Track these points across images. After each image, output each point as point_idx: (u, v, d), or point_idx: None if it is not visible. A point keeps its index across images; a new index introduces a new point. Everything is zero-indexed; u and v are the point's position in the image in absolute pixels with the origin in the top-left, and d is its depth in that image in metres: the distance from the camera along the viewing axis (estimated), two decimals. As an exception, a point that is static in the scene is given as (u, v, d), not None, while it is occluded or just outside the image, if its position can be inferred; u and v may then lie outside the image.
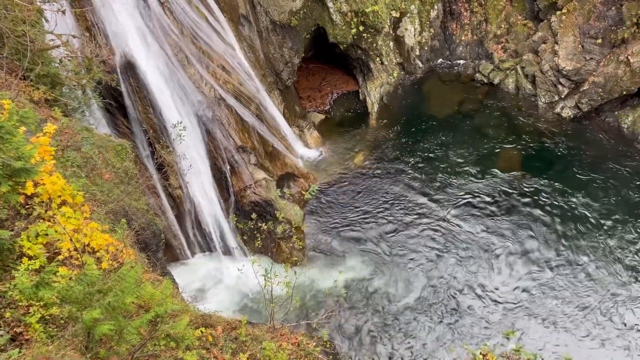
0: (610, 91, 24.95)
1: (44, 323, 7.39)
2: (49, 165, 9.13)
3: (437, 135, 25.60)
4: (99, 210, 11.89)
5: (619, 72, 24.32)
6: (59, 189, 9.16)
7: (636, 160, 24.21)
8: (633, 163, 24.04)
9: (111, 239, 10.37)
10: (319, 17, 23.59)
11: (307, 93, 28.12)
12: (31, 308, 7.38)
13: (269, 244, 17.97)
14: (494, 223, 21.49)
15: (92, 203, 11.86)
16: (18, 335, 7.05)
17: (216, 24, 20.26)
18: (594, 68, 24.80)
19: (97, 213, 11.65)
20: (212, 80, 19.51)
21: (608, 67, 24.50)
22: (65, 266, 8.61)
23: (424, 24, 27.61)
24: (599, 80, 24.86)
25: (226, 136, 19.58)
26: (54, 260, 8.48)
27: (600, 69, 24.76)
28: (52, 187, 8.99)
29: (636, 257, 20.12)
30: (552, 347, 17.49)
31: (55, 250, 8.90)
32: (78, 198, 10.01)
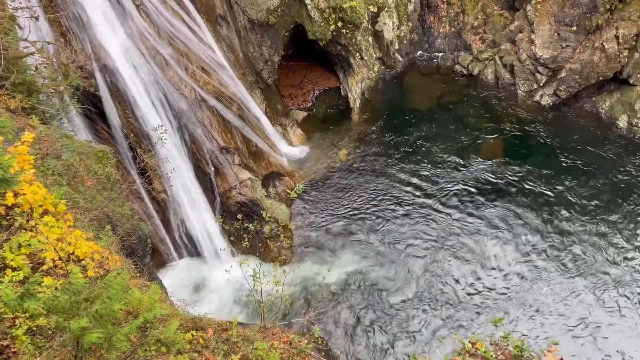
0: (587, 77, 25.34)
1: (31, 335, 7.28)
2: (28, 175, 8.99)
3: (420, 127, 25.76)
4: (82, 217, 11.74)
5: (594, 59, 24.70)
6: (40, 199, 9.02)
7: (614, 144, 24.67)
8: (611, 147, 24.50)
9: (96, 247, 10.24)
10: (297, 15, 23.53)
11: (288, 91, 28.06)
12: (17, 320, 7.27)
13: (257, 244, 17.91)
14: (480, 211, 21.71)
15: (75, 211, 11.71)
16: (5, 348, 6.94)
17: (193, 25, 20.11)
18: (570, 55, 25.15)
19: (80, 221, 11.51)
20: (192, 82, 19.36)
21: (584, 54, 24.87)
22: (50, 276, 8.50)
23: (402, 18, 27.71)
24: (576, 67, 25.22)
25: (209, 137, 19.46)
26: (38, 271, 8.36)
27: (577, 56, 25.12)
28: (33, 197, 8.85)
29: (621, 240, 20.50)
30: (540, 332, 17.73)
31: (39, 260, 8.77)
32: (60, 207, 9.88)
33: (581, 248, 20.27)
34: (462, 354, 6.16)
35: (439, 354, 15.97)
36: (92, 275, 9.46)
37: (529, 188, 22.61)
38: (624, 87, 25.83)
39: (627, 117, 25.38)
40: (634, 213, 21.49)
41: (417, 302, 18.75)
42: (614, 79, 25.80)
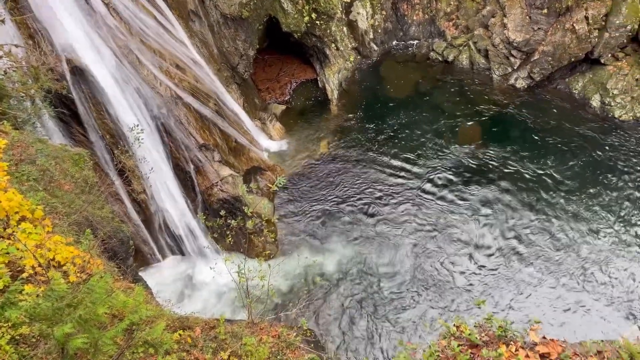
0: (559, 59, 25.72)
1: (15, 344, 7.18)
2: (3, 182, 8.80)
3: (398, 115, 25.90)
4: (61, 222, 11.57)
5: (565, 40, 25.07)
6: (16, 205, 8.84)
7: (588, 123, 25.17)
8: (586, 126, 24.99)
9: (77, 251, 10.11)
10: (270, 7, 23.35)
11: (265, 85, 27.90)
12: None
13: (241, 240, 17.85)
14: (462, 194, 21.97)
15: (54, 216, 11.53)
16: (-12, 359, 6.83)
17: (165, 22, 19.80)
18: (543, 38, 25.48)
19: (59, 226, 11.34)
20: (167, 79, 19.10)
21: (555, 36, 25.22)
22: (31, 283, 8.37)
23: (375, 7, 27.71)
24: (548, 49, 25.57)
25: (186, 135, 19.26)
26: (18, 279, 8.22)
27: (549, 38, 25.47)
28: (8, 204, 8.66)
29: (600, 217, 20.95)
30: (524, 311, 18.07)
31: (19, 268, 8.63)
32: (38, 212, 9.72)
33: (561, 226, 20.68)
34: (447, 337, 6.25)
35: (426, 338, 16.20)
36: (74, 281, 9.34)
37: (508, 169, 22.98)
38: (596, 67, 26.30)
39: (599, 97, 25.88)
40: (612, 189, 22.00)
41: (403, 288, 18.94)
42: (586, 60, 26.25)
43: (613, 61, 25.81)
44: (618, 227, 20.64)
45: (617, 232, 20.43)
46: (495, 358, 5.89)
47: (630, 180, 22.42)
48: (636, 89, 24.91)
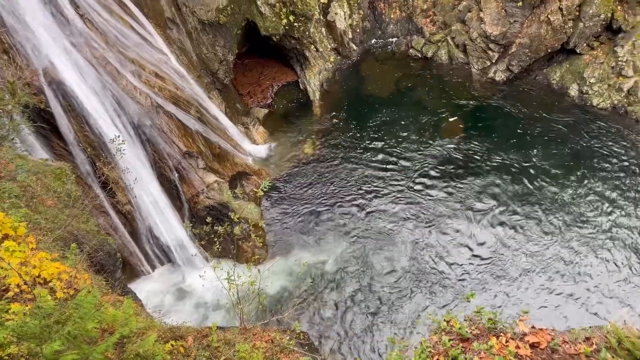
0: (536, 50, 26.05)
1: (3, 365, 7.05)
2: (-18, 201, 8.67)
3: (381, 113, 26.01)
4: (45, 238, 11.42)
5: (541, 32, 25.40)
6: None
7: (568, 112, 25.56)
8: (565, 115, 25.37)
9: (63, 267, 10.00)
10: (248, 12, 23.30)
11: (247, 89, 27.82)
12: (-14, 351, 7.03)
13: (229, 246, 17.78)
14: (448, 187, 22.12)
15: (37, 232, 11.38)
16: (-24, 381, 6.72)
17: (142, 31, 19.67)
18: (519, 30, 25.78)
19: (44, 242, 11.19)
20: (147, 89, 18.96)
21: (531, 28, 25.53)
22: (18, 302, 8.25)
23: (353, 7, 27.80)
24: (525, 41, 25.88)
25: (169, 143, 19.12)
26: (3, 298, 8.11)
27: (525, 31, 25.78)
28: (-11, 223, 8.55)
29: (584, 204, 21.25)
30: (515, 301, 18.25)
31: (4, 287, 8.50)
32: (20, 229, 9.60)
33: (547, 214, 20.93)
34: (438, 332, 6.30)
35: (416, 335, 16.29)
36: (62, 297, 9.23)
37: (492, 160, 23.23)
38: (572, 56, 26.69)
39: (577, 86, 26.25)
40: (595, 176, 22.34)
41: (395, 284, 19.00)
42: (562, 50, 26.63)
43: (588, 50, 26.21)
44: (603, 213, 20.95)
45: (602, 219, 20.74)
46: (486, 350, 5.94)
47: (612, 167, 22.78)
48: (612, 76, 25.32)
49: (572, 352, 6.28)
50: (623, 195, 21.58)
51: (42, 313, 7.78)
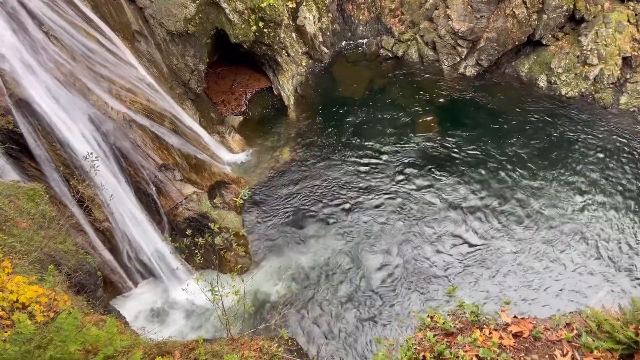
0: (504, 44, 26.52)
1: (-17, 394, 6.88)
2: (-48, 228, 8.45)
3: (357, 114, 26.16)
4: (21, 262, 11.17)
5: (508, 25, 25.88)
6: (-30, 250, 8.51)
7: (538, 102, 26.09)
8: (536, 105, 25.91)
9: (41, 289, 9.80)
10: (216, 20, 23.19)
11: (220, 98, 27.68)
12: (-35, 382, 6.86)
13: (211, 257, 17.63)
14: (426, 183, 22.37)
15: (13, 256, 11.12)
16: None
17: (110, 45, 19.43)
18: (486, 25, 26.22)
19: (20, 266, 10.95)
20: (118, 103, 18.72)
21: (497, 22, 25.99)
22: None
23: (321, 10, 27.92)
24: (492, 35, 26.34)
25: (144, 157, 18.90)
26: (-20, 327, 7.90)
27: (491, 25, 26.22)
28: (-39, 250, 8.33)
29: (560, 190, 21.67)
30: (498, 292, 18.50)
31: (-20, 315, 8.28)
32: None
33: (524, 203, 21.29)
34: (423, 329, 6.36)
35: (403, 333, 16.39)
36: (42, 320, 9.05)
37: (467, 154, 23.58)
38: (539, 48, 27.26)
39: (545, 77, 26.81)
40: (569, 163, 22.84)
41: (377, 285, 19.09)
42: (529, 42, 27.18)
43: (554, 41, 26.80)
44: (579, 200, 21.41)
45: (578, 205, 21.20)
46: (471, 343, 6.02)
47: (584, 154, 23.32)
48: (578, 65, 25.94)
49: (554, 338, 6.40)
50: (597, 181, 22.10)
51: (22, 339, 7.61)
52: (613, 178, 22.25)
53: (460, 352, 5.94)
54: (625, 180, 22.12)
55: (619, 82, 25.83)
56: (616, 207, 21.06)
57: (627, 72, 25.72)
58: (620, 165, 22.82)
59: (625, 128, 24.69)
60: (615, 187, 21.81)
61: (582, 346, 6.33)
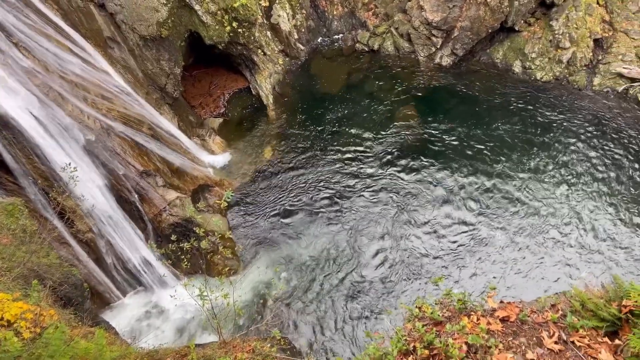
0: (477, 32, 26.76)
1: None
2: None
3: (336, 110, 26.18)
4: (4, 279, 11.00)
5: (480, 13, 26.10)
6: (-50, 271, 8.34)
7: (514, 88, 26.49)
8: (512, 91, 26.28)
9: (26, 305, 9.66)
10: (190, 22, 22.98)
11: (198, 100, 27.46)
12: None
13: (198, 261, 17.52)
14: (410, 172, 22.48)
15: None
16: None
17: (82, 53, 19.14)
18: (459, 14, 26.41)
19: (3, 283, 10.78)
20: (94, 112, 18.46)
21: (470, 11, 26.20)
22: (-19, 349, 7.91)
23: (295, 7, 27.84)
24: (466, 24, 26.55)
25: (125, 165, 18.68)
26: (-36, 348, 7.75)
27: (464, 14, 26.42)
28: (-60, 271, 8.16)
29: (542, 174, 21.98)
30: (485, 277, 18.73)
31: (-36, 336, 8.13)
32: (-25, 274, 9.20)
33: (505, 187, 21.56)
34: (411, 320, 6.42)
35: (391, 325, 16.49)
36: (29, 337, 8.92)
37: (448, 141, 23.84)
38: (512, 34, 27.58)
39: (520, 62, 27.14)
40: (546, 147, 23.17)
41: (365, 277, 19.17)
42: (502, 29, 27.47)
43: (526, 27, 27.13)
44: (560, 182, 21.75)
45: (560, 187, 21.54)
46: (459, 331, 6.09)
47: (563, 136, 23.70)
48: (551, 49, 26.30)
49: (541, 320, 6.51)
50: (576, 163, 22.48)
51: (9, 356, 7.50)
52: (592, 159, 22.64)
53: (450, 340, 6.01)
54: (604, 160, 22.54)
55: (591, 63, 26.27)
56: (597, 188, 21.45)
57: (598, 54, 26.17)
58: (598, 145, 23.23)
59: (600, 108, 25.16)
60: (596, 168, 22.21)
61: (567, 326, 6.46)
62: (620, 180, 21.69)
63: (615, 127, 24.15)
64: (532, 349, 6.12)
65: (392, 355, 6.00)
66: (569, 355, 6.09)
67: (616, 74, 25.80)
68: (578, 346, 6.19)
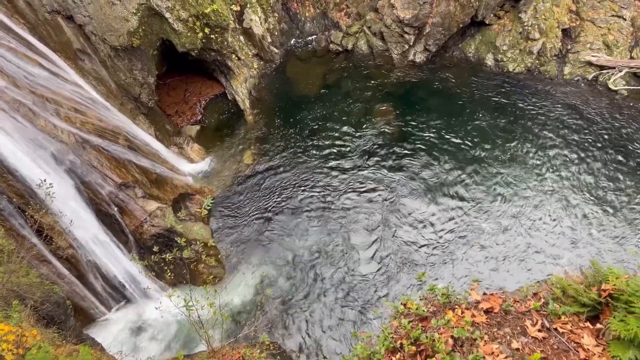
0: (449, 27, 27.05)
1: None
2: None
3: (314, 111, 26.20)
4: (-17, 302, 10.76)
5: (450, 9, 26.39)
6: None
7: (488, 80, 26.93)
8: (486, 84, 26.66)
9: (8, 327, 9.47)
10: (161, 31, 22.74)
11: (174, 109, 27.20)
12: None
13: (182, 271, 17.36)
14: (389, 168, 22.60)
15: (-27, 297, 10.69)
16: None
17: (52, 67, 18.82)
18: (429, 11, 26.66)
19: (-18, 306, 10.54)
20: (68, 125, 18.16)
21: (440, 7, 26.47)
22: (-38, 376, 7.74)
23: (267, 11, 27.78)
24: (437, 20, 26.81)
25: (102, 177, 18.42)
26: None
27: (435, 10, 26.69)
28: None
29: (521, 164, 22.32)
30: (464, 272, 18.93)
31: (-57, 363, 7.93)
32: (-48, 298, 8.98)
33: (484, 178, 21.83)
34: (397, 317, 6.46)
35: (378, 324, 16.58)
36: (12, 359, 8.75)
37: (426, 136, 24.05)
38: (483, 28, 27.96)
39: (492, 55, 27.52)
40: (523, 136, 23.54)
41: (353, 275, 19.22)
42: (473, 24, 27.83)
43: (496, 20, 27.53)
44: (538, 170, 22.12)
45: (538, 175, 21.90)
46: (445, 325, 6.15)
47: (539, 125, 24.11)
48: (521, 41, 26.73)
49: (524, 309, 6.61)
50: (553, 150, 22.89)
51: (-9, 381, 7.34)
52: (567, 146, 23.08)
53: (436, 335, 6.07)
54: (579, 146, 23.00)
55: (561, 53, 26.78)
56: (573, 174, 21.88)
57: (567, 43, 26.69)
58: (572, 132, 23.70)
59: (572, 96, 25.67)
60: (571, 155, 22.65)
61: (550, 313, 6.57)
62: (595, 166, 22.15)
63: (587, 113, 24.66)
64: (516, 339, 6.21)
65: (380, 353, 6.03)
66: (553, 342, 6.19)
67: (585, 63, 26.35)
68: (561, 332, 6.30)
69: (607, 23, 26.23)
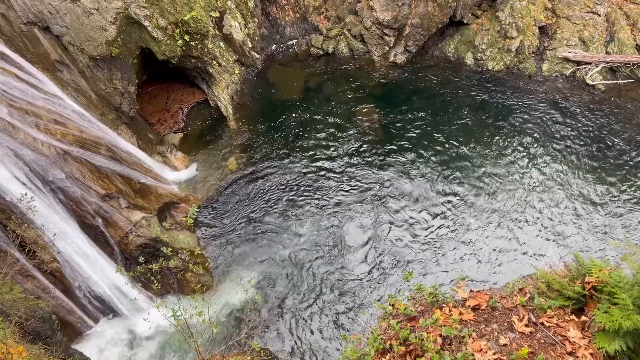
0: (428, 28, 27.30)
1: None
2: None
3: (297, 114, 26.21)
4: (-34, 320, 10.56)
5: (429, 9, 26.65)
6: None
7: (468, 79, 27.20)
8: (467, 82, 26.95)
9: (-8, 346, 9.29)
10: (140, 39, 22.58)
11: (156, 117, 26.99)
12: None
13: (169, 281, 17.21)
14: (375, 168, 22.71)
15: (-45, 316, 10.48)
16: None
17: (30, 79, 18.57)
18: (408, 12, 26.88)
19: (-35, 325, 10.34)
20: (48, 138, 17.93)
21: (419, 8, 26.72)
22: (-55, 397, 7.57)
23: (246, 16, 27.75)
24: (416, 21, 27.04)
25: (85, 189, 18.20)
26: None
27: (414, 11, 26.92)
28: None
29: (504, 160, 22.56)
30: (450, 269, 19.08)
31: None
32: None
33: (467, 176, 22.04)
34: (386, 318, 6.48)
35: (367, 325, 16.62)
36: (-3, 378, 8.60)
37: (409, 135, 24.21)
38: (462, 28, 28.27)
39: (471, 54, 27.82)
40: (504, 134, 23.81)
41: (342, 277, 19.24)
42: (451, 23, 28.12)
43: (474, 19, 27.86)
44: (521, 167, 22.39)
45: (521, 172, 22.16)
46: (433, 324, 6.19)
47: (520, 120, 24.43)
48: (500, 40, 27.07)
49: (510, 305, 6.68)
50: (534, 145, 23.20)
51: (-25, 402, 7.21)
52: (548, 140, 23.42)
53: (425, 334, 6.10)
54: (560, 141, 23.35)
55: (538, 50, 27.19)
56: (555, 167, 22.20)
57: (545, 41, 27.10)
58: (552, 127, 24.05)
59: (551, 92, 26.06)
60: (552, 149, 22.98)
61: (536, 308, 6.65)
62: (576, 160, 22.50)
63: (566, 109, 25.06)
64: (504, 334, 6.28)
65: (370, 355, 6.04)
66: (540, 336, 6.27)
67: (563, 59, 26.77)
68: (547, 326, 6.38)
69: (583, 19, 26.70)
